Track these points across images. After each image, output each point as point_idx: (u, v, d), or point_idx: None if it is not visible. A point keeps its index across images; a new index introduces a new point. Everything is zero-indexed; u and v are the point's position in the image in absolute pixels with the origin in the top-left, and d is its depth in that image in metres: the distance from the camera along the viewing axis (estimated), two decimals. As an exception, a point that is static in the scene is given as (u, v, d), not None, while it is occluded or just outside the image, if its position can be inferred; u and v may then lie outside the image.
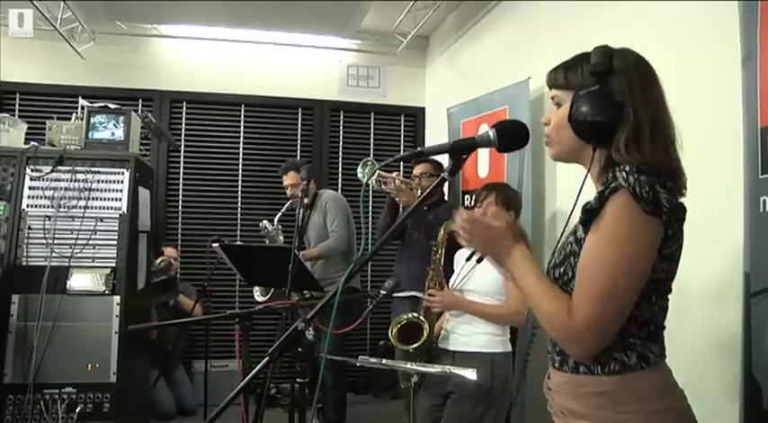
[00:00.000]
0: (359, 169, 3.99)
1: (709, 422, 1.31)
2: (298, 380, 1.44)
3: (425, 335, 2.88)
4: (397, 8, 4.92)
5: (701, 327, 2.25)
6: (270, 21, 5.34)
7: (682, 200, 1.29)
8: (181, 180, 5.50)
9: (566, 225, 1.47)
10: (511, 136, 1.41)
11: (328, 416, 4.27)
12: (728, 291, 2.16)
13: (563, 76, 1.39)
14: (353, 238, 4.42)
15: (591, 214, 1.26)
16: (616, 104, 1.29)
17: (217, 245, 3.51)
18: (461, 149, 1.41)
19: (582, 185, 1.37)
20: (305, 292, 3.66)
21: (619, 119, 1.29)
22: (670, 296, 1.34)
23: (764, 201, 1.93)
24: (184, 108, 5.52)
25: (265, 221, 4.40)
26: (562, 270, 1.34)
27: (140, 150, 3.93)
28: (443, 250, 3.05)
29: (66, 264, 3.35)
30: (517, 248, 1.38)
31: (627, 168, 1.23)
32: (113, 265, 3.40)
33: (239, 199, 5.60)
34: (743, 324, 2.01)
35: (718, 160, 2.13)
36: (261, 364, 1.40)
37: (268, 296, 4.15)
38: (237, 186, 5.60)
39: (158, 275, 4.39)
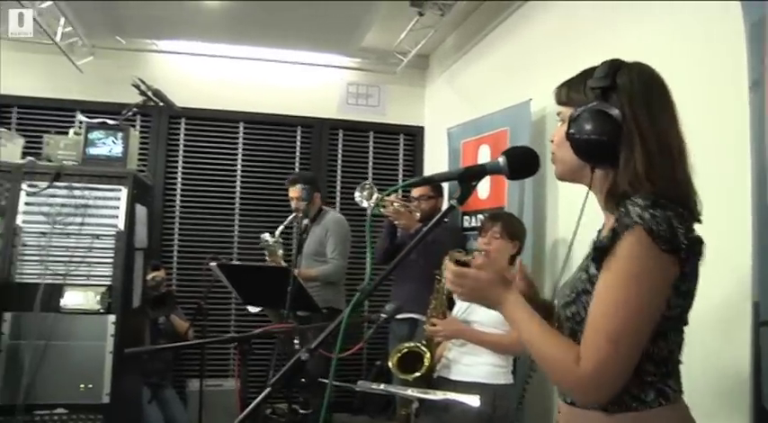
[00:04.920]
0: (357, 193, 3.94)
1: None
2: (301, 411, 1.38)
3: (426, 365, 2.83)
4: (398, 27, 4.91)
5: (709, 357, 2.21)
6: (270, 38, 5.33)
7: (696, 232, 1.22)
8: (178, 197, 5.46)
9: (567, 256, 1.44)
10: (521, 163, 1.37)
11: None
12: (737, 320, 2.13)
13: (566, 92, 1.36)
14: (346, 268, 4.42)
15: (602, 252, 1.21)
16: (613, 122, 1.23)
17: (214, 264, 3.47)
18: (471, 177, 1.38)
19: (582, 209, 1.32)
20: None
21: (617, 138, 1.23)
22: (686, 328, 1.29)
23: (774, 230, 1.92)
24: (183, 124, 5.49)
25: (266, 234, 4.34)
26: (574, 309, 1.29)
27: (138, 166, 3.90)
28: (447, 280, 3.01)
29: (61, 281, 3.29)
30: (510, 297, 1.33)
31: (640, 202, 1.17)
32: (109, 283, 3.34)
33: (236, 217, 5.55)
34: (752, 354, 1.98)
35: (725, 188, 2.12)
36: (261, 395, 1.35)
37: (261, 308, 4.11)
38: (235, 204, 5.56)
39: (150, 292, 4.33)
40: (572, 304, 1.29)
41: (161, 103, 3.87)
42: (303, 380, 1.38)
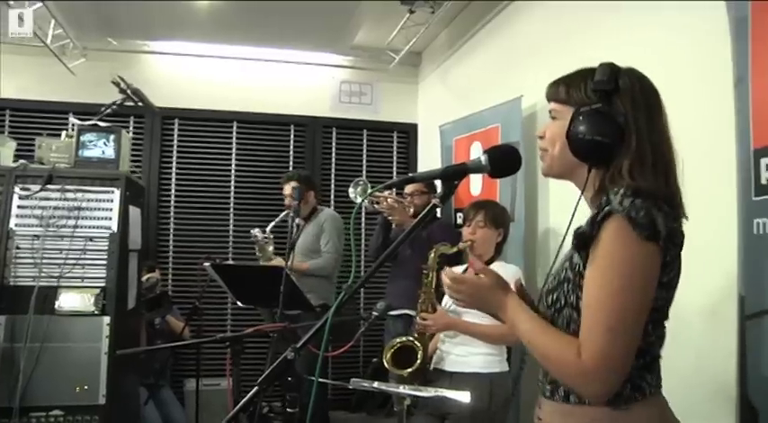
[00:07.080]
0: (350, 189, 3.97)
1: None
2: (288, 410, 1.40)
3: (420, 359, 2.84)
4: (390, 25, 4.92)
5: (695, 351, 2.23)
6: (262, 37, 5.34)
7: (679, 225, 1.25)
8: (173, 197, 5.48)
9: (559, 248, 1.43)
10: (503, 161, 1.39)
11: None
12: (723, 314, 2.14)
13: (564, 90, 1.35)
14: (340, 262, 4.42)
15: (584, 240, 1.22)
16: (617, 126, 1.24)
17: (208, 264, 3.48)
18: (453, 176, 1.39)
19: (576, 206, 1.33)
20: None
21: (618, 142, 1.24)
22: (666, 323, 1.30)
23: (758, 223, 1.93)
24: (176, 125, 5.50)
25: (256, 229, 4.34)
26: (555, 296, 1.31)
27: (131, 168, 3.90)
28: (434, 274, 3.00)
29: (55, 284, 3.28)
30: (508, 300, 1.35)
31: (621, 191, 1.19)
32: (103, 284, 3.33)
33: (231, 216, 5.57)
34: (738, 347, 2.00)
35: (712, 183, 2.14)
36: (249, 393, 1.36)
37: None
38: (230, 203, 5.58)
39: (146, 293, 4.35)
40: (553, 291, 1.31)
41: (140, 103, 3.86)
42: (290, 378, 1.37)
